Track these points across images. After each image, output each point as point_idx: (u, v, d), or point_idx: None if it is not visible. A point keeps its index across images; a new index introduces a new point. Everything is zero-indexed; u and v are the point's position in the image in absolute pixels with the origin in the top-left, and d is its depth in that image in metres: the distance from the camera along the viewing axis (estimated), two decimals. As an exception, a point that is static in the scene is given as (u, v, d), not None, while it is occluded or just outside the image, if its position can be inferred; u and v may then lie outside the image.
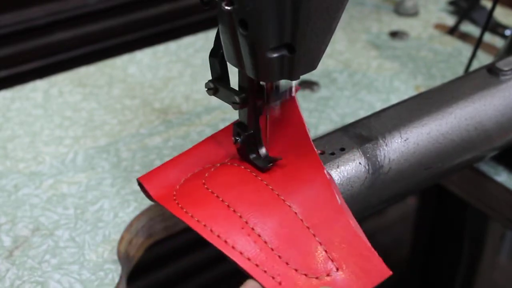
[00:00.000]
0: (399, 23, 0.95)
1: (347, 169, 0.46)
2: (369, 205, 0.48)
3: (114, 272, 0.53)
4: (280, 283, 0.39)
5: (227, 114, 0.73)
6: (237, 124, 0.46)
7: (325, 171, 0.44)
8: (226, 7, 0.38)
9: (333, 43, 0.89)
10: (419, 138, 0.50)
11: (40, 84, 0.80)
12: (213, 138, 0.50)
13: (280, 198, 0.44)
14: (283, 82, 0.44)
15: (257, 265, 0.40)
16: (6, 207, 0.60)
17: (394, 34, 0.91)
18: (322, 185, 0.44)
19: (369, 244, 0.42)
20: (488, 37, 0.89)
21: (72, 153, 0.67)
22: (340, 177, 0.46)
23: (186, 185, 0.47)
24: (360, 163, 0.47)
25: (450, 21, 0.95)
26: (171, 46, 0.88)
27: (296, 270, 0.40)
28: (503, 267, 1.27)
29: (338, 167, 0.46)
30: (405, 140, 0.49)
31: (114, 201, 0.60)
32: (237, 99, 0.44)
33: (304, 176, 0.45)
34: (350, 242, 0.42)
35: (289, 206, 0.43)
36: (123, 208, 0.60)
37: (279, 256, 0.41)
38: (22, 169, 0.65)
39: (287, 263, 0.40)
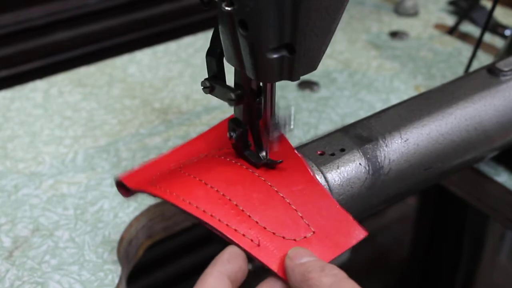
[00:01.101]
0: (399, 23, 0.95)
1: (347, 169, 0.46)
2: (369, 206, 0.48)
3: (114, 273, 0.53)
4: (258, 245, 0.40)
5: (227, 114, 0.73)
6: (232, 120, 0.47)
7: (296, 151, 0.46)
8: (226, 8, 0.38)
9: (333, 43, 0.89)
10: (419, 139, 0.50)
11: (40, 84, 0.79)
12: (190, 144, 0.52)
13: (255, 174, 0.45)
14: (280, 114, 0.45)
15: (235, 230, 0.41)
16: (6, 207, 0.60)
17: (394, 34, 0.91)
18: (294, 160, 0.46)
19: (343, 209, 0.44)
20: (488, 37, 0.89)
21: (72, 153, 0.67)
22: (340, 177, 0.46)
23: (163, 173, 0.48)
24: (360, 163, 0.47)
25: (450, 21, 0.95)
26: (171, 46, 0.88)
27: (273, 233, 0.41)
28: (503, 267, 1.27)
29: (338, 168, 0.46)
30: (405, 141, 0.49)
31: (114, 201, 0.60)
32: (232, 95, 0.44)
33: (277, 155, 0.46)
34: (325, 208, 0.43)
35: (264, 180, 0.45)
36: (123, 208, 0.60)
37: (257, 222, 0.42)
38: (22, 169, 0.65)
39: (264, 228, 0.42)
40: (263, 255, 0.40)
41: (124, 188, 0.48)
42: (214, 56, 0.45)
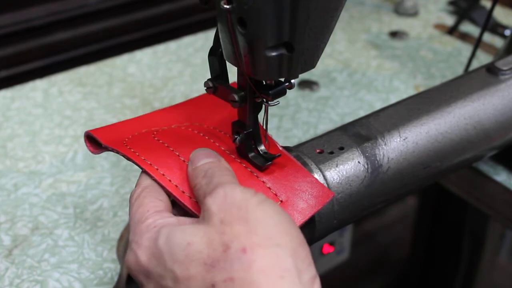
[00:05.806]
0: (399, 23, 0.95)
1: (346, 168, 0.46)
2: (368, 204, 0.48)
3: (113, 271, 0.54)
4: None
5: (227, 114, 0.73)
6: (236, 123, 0.46)
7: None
8: (225, 6, 0.38)
9: (333, 43, 0.89)
10: (418, 137, 0.50)
11: (40, 84, 0.80)
12: (164, 112, 0.51)
13: (226, 152, 0.46)
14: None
15: (190, 197, 0.42)
16: (5, 206, 0.60)
17: (394, 34, 0.91)
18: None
19: (310, 174, 0.45)
20: (488, 37, 0.89)
21: (71, 152, 0.67)
22: (339, 176, 0.46)
23: (136, 136, 0.48)
24: (359, 162, 0.47)
25: (450, 21, 0.95)
26: (171, 46, 0.89)
27: None
28: (503, 267, 1.27)
29: (337, 166, 0.46)
30: (404, 139, 0.49)
31: (113, 200, 0.60)
32: (236, 97, 0.44)
33: None
34: (293, 175, 0.44)
35: (234, 158, 0.46)
36: (123, 207, 0.60)
37: None
38: (21, 168, 0.65)
39: None
40: None
41: (94, 142, 0.47)
42: (216, 56, 0.45)
